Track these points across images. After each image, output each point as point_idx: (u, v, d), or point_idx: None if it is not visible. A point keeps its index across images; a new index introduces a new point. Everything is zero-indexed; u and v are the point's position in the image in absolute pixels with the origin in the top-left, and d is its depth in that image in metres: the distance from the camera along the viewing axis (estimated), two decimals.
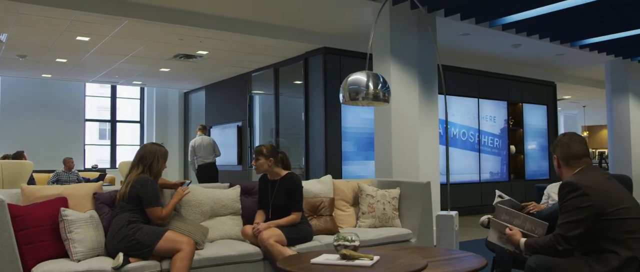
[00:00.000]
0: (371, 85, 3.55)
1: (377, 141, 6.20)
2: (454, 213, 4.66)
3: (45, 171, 9.30)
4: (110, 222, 3.40)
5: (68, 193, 3.48)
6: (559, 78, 11.30)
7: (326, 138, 7.70)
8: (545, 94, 11.08)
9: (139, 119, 13.64)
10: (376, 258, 2.59)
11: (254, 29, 7.15)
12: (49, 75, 10.62)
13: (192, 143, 9.20)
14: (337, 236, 2.77)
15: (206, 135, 9.55)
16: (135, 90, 13.46)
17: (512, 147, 10.40)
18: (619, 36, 7.36)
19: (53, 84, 11.65)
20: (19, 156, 7.90)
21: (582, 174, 2.58)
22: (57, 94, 11.92)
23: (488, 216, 3.81)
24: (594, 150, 19.67)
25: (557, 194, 2.58)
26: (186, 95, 13.03)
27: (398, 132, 5.97)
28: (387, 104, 3.86)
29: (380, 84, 3.59)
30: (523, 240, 2.63)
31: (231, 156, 10.33)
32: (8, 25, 6.65)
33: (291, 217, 3.77)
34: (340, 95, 3.76)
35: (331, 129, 7.74)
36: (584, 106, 17.79)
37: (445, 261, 3.00)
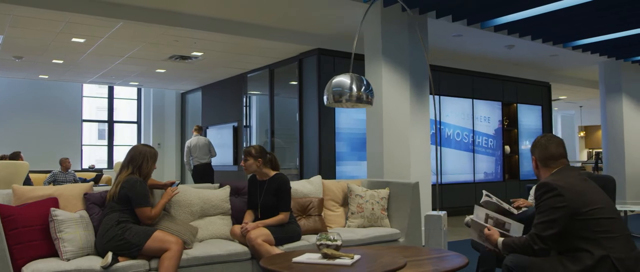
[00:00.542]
0: (355, 87, 3.61)
1: (368, 141, 6.26)
2: (442, 213, 4.72)
3: (42, 172, 9.37)
4: (100, 222, 3.46)
5: (59, 193, 3.54)
6: (553, 79, 11.36)
7: (320, 139, 7.76)
8: (540, 95, 11.13)
9: (136, 119, 13.69)
10: (357, 257, 2.65)
11: (248, 31, 7.21)
12: (46, 77, 10.68)
13: (188, 143, 9.27)
14: (319, 235, 2.82)
15: (202, 135, 9.61)
16: (132, 90, 13.52)
17: (507, 148, 10.46)
18: (611, 37, 7.40)
19: (50, 85, 11.71)
20: (16, 156, 7.95)
21: (558, 174, 2.63)
22: (54, 95, 11.98)
23: (471, 216, 3.87)
24: (591, 150, 19.74)
25: (534, 194, 2.64)
26: (183, 96, 13.10)
27: (389, 132, 6.03)
28: (371, 106, 3.92)
29: (363, 87, 3.65)
30: (500, 239, 2.69)
31: (227, 156, 10.39)
32: (4, 27, 6.71)
33: (279, 217, 3.83)
34: (325, 97, 3.82)
35: (325, 129, 7.80)
36: (580, 106, 17.85)
37: (427, 260, 3.06)
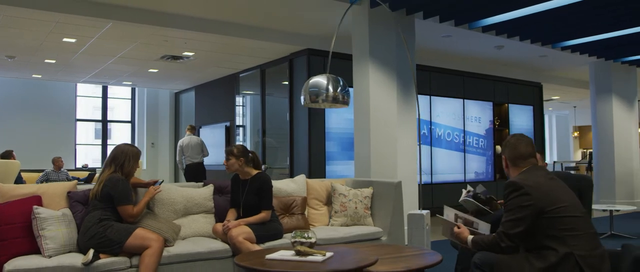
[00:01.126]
0: (331, 88, 3.67)
1: (356, 141, 6.32)
2: (425, 212, 4.79)
3: (35, 170, 9.40)
4: (83, 220, 3.51)
5: (42, 192, 3.59)
6: (545, 79, 11.43)
7: (310, 138, 7.82)
8: (532, 95, 11.20)
9: (130, 119, 13.74)
10: (329, 254, 2.70)
11: (238, 31, 7.26)
12: (39, 76, 10.72)
13: (180, 143, 9.32)
14: (294, 233, 2.88)
15: (195, 135, 9.67)
16: (126, 90, 13.56)
17: (498, 148, 10.52)
18: (600, 38, 7.45)
19: (44, 85, 11.75)
20: (8, 155, 8.00)
21: (526, 174, 2.69)
22: (48, 95, 12.02)
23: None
24: (585, 150, 19.80)
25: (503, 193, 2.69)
26: (177, 96, 13.14)
27: (377, 132, 6.08)
28: (347, 106, 3.98)
29: (339, 87, 3.71)
30: (470, 237, 2.75)
31: (219, 155, 10.42)
32: None
33: (261, 216, 3.88)
34: (301, 98, 3.88)
35: (315, 129, 7.86)
36: (574, 107, 17.93)
37: (402, 258, 3.12)
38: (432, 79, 9.24)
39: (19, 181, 7.59)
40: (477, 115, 10.08)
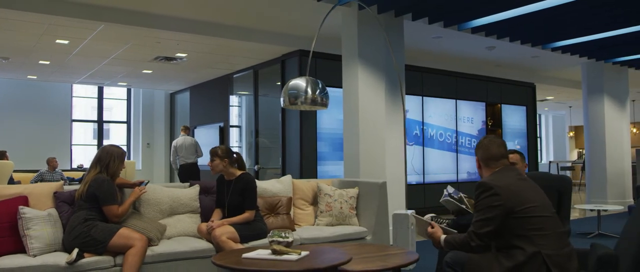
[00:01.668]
0: (309, 90, 3.73)
1: (345, 141, 6.38)
2: (410, 212, 4.84)
3: (30, 171, 9.47)
4: (69, 220, 3.57)
5: (29, 192, 3.64)
6: (538, 79, 11.48)
7: (302, 139, 7.88)
8: (525, 95, 11.26)
9: (126, 119, 13.80)
10: (304, 253, 2.76)
11: (229, 32, 7.32)
12: (35, 77, 10.79)
13: (175, 143, 9.39)
14: (271, 232, 2.94)
15: (189, 135, 9.73)
16: (122, 91, 13.62)
17: None
18: (591, 39, 7.46)
19: (39, 86, 11.81)
20: (1, 155, 8.06)
21: (497, 174, 2.75)
22: (44, 95, 12.08)
23: (431, 214, 4.00)
24: (581, 150, 19.85)
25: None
26: (172, 96, 13.21)
27: (365, 133, 6.14)
28: (325, 108, 4.04)
29: (318, 90, 3.78)
30: (443, 237, 2.81)
31: None
32: None
33: (245, 216, 3.94)
34: (281, 99, 3.94)
35: (307, 130, 7.92)
36: (570, 107, 17.99)
37: (379, 256, 3.17)
38: (424, 79, 9.30)
39: (11, 182, 7.65)
40: (470, 116, 10.14)
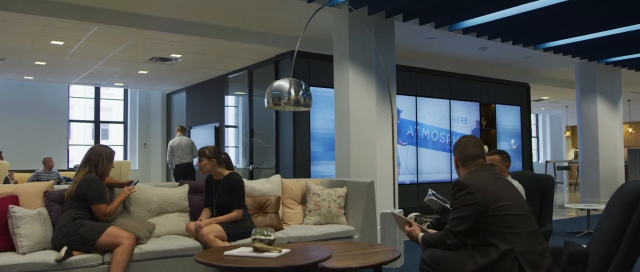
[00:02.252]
0: (293, 91, 3.80)
1: (337, 141, 6.44)
2: (397, 211, 4.91)
3: (27, 171, 9.54)
4: (58, 219, 3.63)
5: (19, 191, 3.71)
6: (532, 80, 11.54)
7: (295, 139, 7.95)
8: (519, 95, 11.32)
9: (122, 119, 13.87)
10: (285, 251, 2.83)
11: (224, 33, 7.38)
12: (31, 78, 10.85)
13: (171, 143, 9.47)
14: (254, 230, 3.00)
15: (185, 136, 9.80)
16: (119, 91, 13.69)
17: (485, 147, 10.61)
18: (583, 39, 7.50)
19: (36, 86, 11.88)
20: None
21: (473, 173, 2.81)
22: (41, 96, 12.16)
23: (415, 213, 4.07)
24: (577, 150, 19.91)
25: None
26: (168, 97, 13.27)
27: (356, 133, 6.21)
28: (309, 109, 4.11)
29: (301, 91, 3.84)
30: (420, 235, 2.87)
31: None
32: None
33: (232, 214, 4.01)
34: (265, 100, 4.01)
35: (300, 130, 7.98)
36: (566, 107, 18.05)
37: (361, 254, 3.24)
38: (417, 79, 9.36)
39: (6, 182, 7.71)
40: (464, 116, 10.20)
